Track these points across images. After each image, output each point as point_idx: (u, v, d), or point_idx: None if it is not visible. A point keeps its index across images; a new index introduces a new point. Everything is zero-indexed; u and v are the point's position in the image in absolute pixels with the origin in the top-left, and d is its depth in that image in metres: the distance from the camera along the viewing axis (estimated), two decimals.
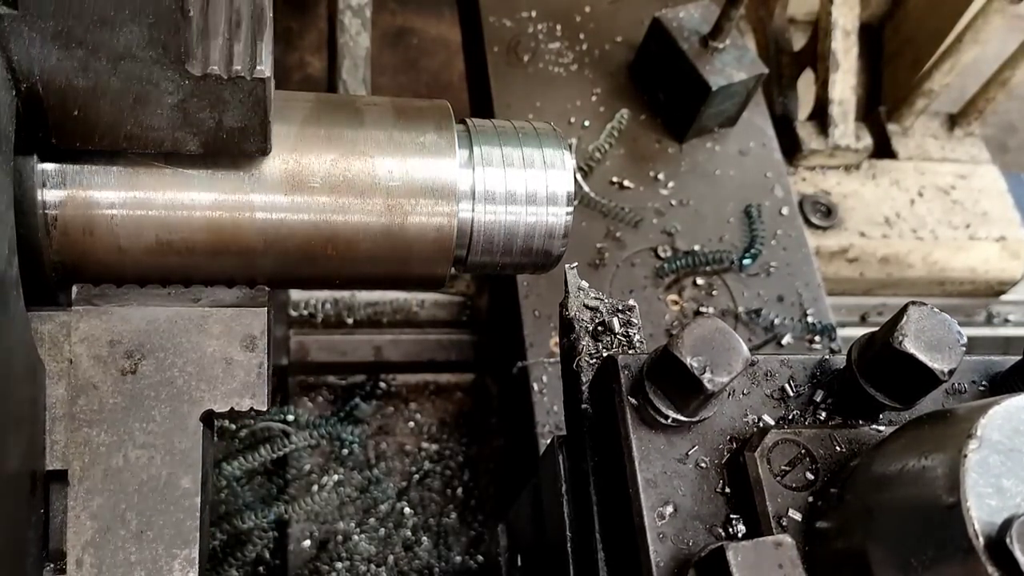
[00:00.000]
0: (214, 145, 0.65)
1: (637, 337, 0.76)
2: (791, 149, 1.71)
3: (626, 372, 0.65)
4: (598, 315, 0.77)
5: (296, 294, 1.75)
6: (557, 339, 1.34)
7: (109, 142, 0.64)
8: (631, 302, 0.78)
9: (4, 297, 0.59)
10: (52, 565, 0.72)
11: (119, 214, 0.65)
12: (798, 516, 0.60)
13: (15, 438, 0.65)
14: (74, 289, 0.74)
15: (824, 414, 0.67)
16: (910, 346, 0.60)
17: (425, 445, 1.67)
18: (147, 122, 0.63)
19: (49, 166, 0.64)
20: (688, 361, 0.59)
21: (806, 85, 1.74)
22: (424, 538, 1.57)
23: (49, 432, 0.73)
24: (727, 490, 0.63)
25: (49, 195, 0.64)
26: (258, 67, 0.60)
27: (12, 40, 0.56)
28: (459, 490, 1.61)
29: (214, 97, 0.62)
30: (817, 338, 1.42)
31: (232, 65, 0.60)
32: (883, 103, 1.95)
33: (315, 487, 1.62)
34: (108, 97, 0.61)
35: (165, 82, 0.60)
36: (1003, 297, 1.86)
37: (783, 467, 0.61)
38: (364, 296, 1.77)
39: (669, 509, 0.61)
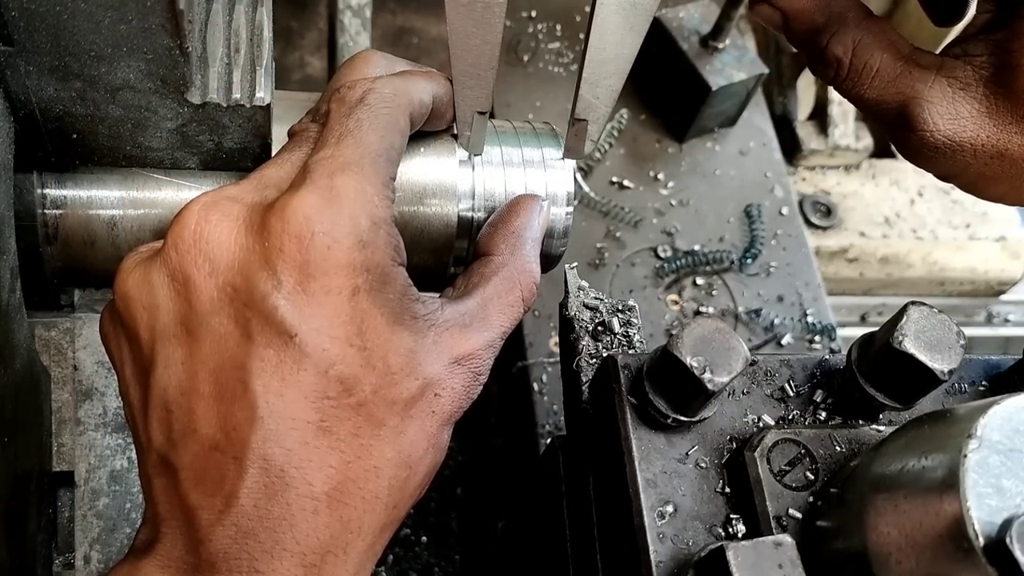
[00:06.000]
0: (214, 164, 0.65)
1: (637, 337, 0.76)
2: (791, 149, 1.71)
3: (626, 372, 0.65)
4: (598, 315, 0.77)
5: None
6: (557, 339, 1.34)
7: (108, 161, 0.64)
8: (631, 302, 0.78)
9: (7, 323, 0.59)
10: (60, 559, 0.73)
11: (120, 224, 0.65)
12: (798, 516, 0.60)
13: (22, 444, 0.65)
14: (76, 294, 0.74)
15: (824, 414, 0.67)
16: (910, 346, 0.60)
17: None
18: (146, 144, 0.63)
19: (49, 180, 0.64)
20: (688, 361, 0.59)
21: (806, 85, 1.74)
22: (424, 538, 1.57)
23: (55, 435, 0.74)
24: (727, 490, 0.63)
25: (49, 209, 0.63)
26: (258, 94, 0.60)
27: (8, 72, 0.56)
28: (459, 490, 1.61)
29: (213, 122, 0.62)
30: (817, 338, 1.42)
31: (231, 93, 0.60)
32: None
33: None
34: (107, 123, 0.61)
35: (164, 109, 0.60)
36: (1003, 297, 1.86)
37: (783, 467, 0.61)
38: None
39: (669, 509, 0.61)
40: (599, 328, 0.76)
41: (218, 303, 0.51)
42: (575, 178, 1.44)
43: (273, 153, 0.66)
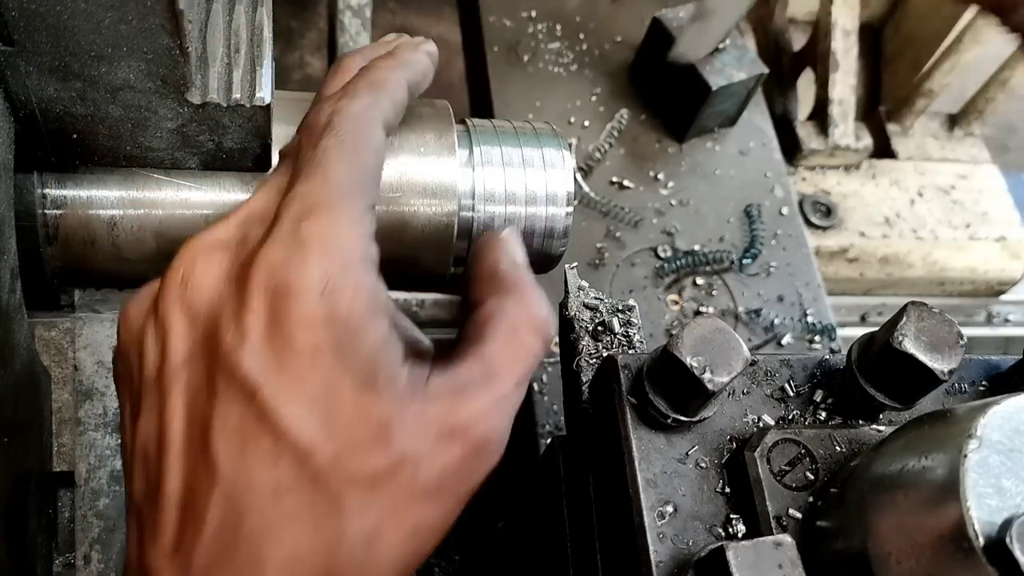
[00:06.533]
0: (214, 164, 0.65)
1: (637, 337, 0.76)
2: (791, 149, 1.71)
3: (626, 372, 0.65)
4: (598, 315, 0.77)
5: None
6: (557, 339, 1.34)
7: (109, 161, 0.64)
8: (631, 302, 0.78)
9: (7, 323, 0.59)
10: (61, 559, 0.73)
11: (120, 224, 0.65)
12: (798, 516, 0.60)
13: (21, 445, 0.65)
14: (76, 294, 0.74)
15: (824, 414, 0.67)
16: (910, 346, 0.60)
17: None
18: (146, 144, 0.63)
19: (49, 180, 0.64)
20: (688, 361, 0.59)
21: (806, 85, 1.74)
22: None
23: (55, 436, 0.74)
24: (727, 490, 0.63)
25: (49, 209, 0.64)
26: (258, 94, 0.60)
27: (9, 72, 0.56)
28: None
29: (213, 122, 0.62)
30: (817, 338, 1.42)
31: (231, 93, 0.60)
32: (883, 103, 1.95)
33: None
34: (107, 123, 0.61)
35: (164, 109, 0.60)
36: (1003, 297, 1.86)
37: (783, 467, 0.61)
38: None
39: (669, 509, 0.61)
40: (599, 328, 0.76)
41: (191, 356, 0.50)
42: (575, 178, 1.44)
43: (273, 153, 0.66)
